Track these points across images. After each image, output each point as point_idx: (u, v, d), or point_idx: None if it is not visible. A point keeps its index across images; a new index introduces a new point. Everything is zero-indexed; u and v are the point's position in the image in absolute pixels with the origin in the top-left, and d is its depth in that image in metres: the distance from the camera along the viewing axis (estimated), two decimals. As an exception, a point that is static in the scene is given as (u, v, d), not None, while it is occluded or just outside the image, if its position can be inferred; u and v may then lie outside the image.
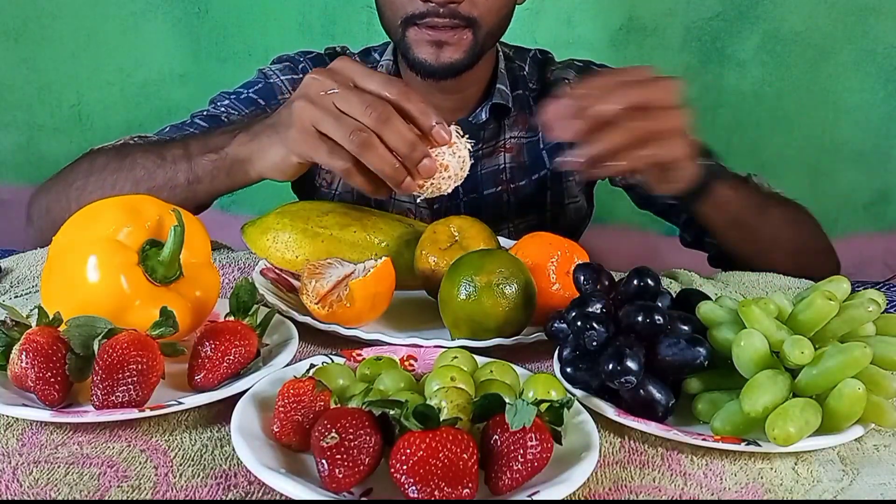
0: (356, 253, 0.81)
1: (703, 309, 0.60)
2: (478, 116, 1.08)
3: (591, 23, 2.10)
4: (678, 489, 0.51)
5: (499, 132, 1.11)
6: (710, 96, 2.16)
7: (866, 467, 0.54)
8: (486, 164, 1.11)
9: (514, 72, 1.14)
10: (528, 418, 0.46)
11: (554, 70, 1.16)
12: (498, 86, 1.09)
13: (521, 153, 1.12)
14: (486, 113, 1.08)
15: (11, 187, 1.95)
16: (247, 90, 1.09)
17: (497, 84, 1.09)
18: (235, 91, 1.10)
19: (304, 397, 0.51)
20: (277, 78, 1.11)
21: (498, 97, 1.08)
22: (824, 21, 2.06)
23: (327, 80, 0.72)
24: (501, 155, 1.11)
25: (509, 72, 1.13)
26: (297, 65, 1.13)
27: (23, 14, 1.95)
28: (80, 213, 0.66)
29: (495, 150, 1.11)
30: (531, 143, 1.12)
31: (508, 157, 1.11)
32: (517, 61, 1.15)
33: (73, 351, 0.55)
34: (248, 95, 1.08)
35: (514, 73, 1.14)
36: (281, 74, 1.11)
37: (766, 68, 2.13)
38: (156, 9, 1.90)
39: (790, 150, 2.15)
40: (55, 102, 2.01)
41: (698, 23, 2.13)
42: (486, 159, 1.11)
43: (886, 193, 2.24)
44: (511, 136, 1.11)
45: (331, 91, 0.71)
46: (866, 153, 2.19)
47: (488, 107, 1.08)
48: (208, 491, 0.49)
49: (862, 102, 2.15)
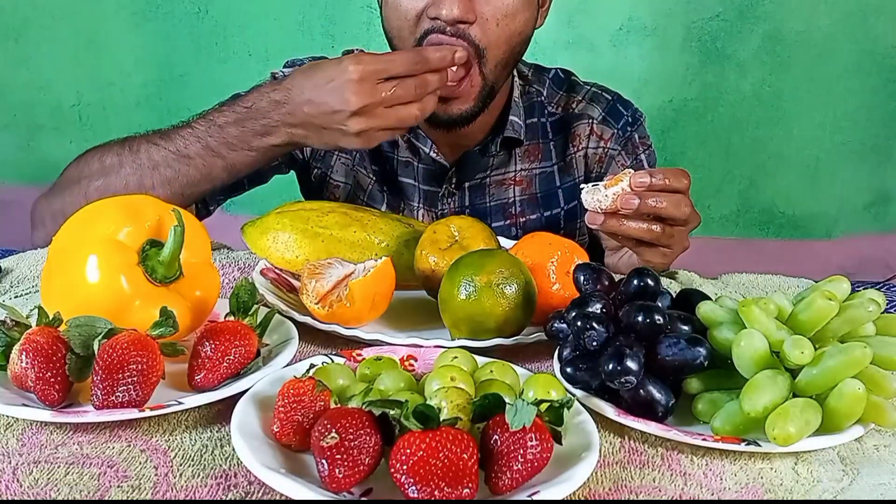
0: (356, 253, 0.81)
1: (703, 309, 0.60)
2: (488, 149, 1.05)
3: (591, 23, 2.10)
4: (678, 489, 0.51)
5: (508, 161, 1.07)
6: (710, 96, 2.16)
7: (866, 467, 0.54)
8: (495, 195, 1.07)
9: (530, 97, 1.08)
10: (528, 418, 0.46)
11: (579, 101, 1.10)
12: (511, 118, 1.04)
13: (533, 184, 1.08)
14: (497, 147, 1.04)
15: (11, 187, 1.95)
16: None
17: (510, 116, 1.04)
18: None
19: (304, 397, 0.51)
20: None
21: (510, 130, 1.03)
22: (824, 21, 2.06)
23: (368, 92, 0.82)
24: (511, 188, 1.07)
25: (525, 97, 1.08)
26: None
27: (23, 14, 1.95)
28: (80, 213, 0.66)
29: (504, 180, 1.07)
30: (544, 174, 1.08)
31: (518, 189, 1.07)
32: (535, 85, 1.10)
33: (73, 351, 0.55)
34: None
35: (531, 98, 1.08)
36: None
37: (766, 68, 2.13)
38: (156, 9, 1.90)
39: (790, 150, 2.16)
40: (55, 102, 2.01)
41: (698, 23, 2.13)
42: (495, 188, 1.07)
43: (886, 193, 2.24)
44: (522, 169, 1.07)
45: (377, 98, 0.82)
46: (866, 153, 2.19)
47: (499, 141, 1.04)
48: (208, 491, 0.49)
49: (862, 102, 2.15)
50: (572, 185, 1.09)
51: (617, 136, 1.08)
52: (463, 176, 1.06)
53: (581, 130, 1.08)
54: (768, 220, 2.22)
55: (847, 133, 2.14)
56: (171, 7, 1.88)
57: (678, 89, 2.13)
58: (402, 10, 0.91)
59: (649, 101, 2.06)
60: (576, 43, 2.05)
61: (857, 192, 2.20)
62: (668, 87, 2.13)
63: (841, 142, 2.15)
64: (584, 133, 1.08)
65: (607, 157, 1.09)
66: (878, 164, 2.16)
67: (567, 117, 1.10)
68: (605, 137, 1.08)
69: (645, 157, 1.10)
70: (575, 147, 1.09)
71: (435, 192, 1.07)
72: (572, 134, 1.09)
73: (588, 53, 2.10)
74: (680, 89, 2.13)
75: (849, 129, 2.13)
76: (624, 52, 2.13)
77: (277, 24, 1.93)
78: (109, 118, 1.98)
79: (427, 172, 1.06)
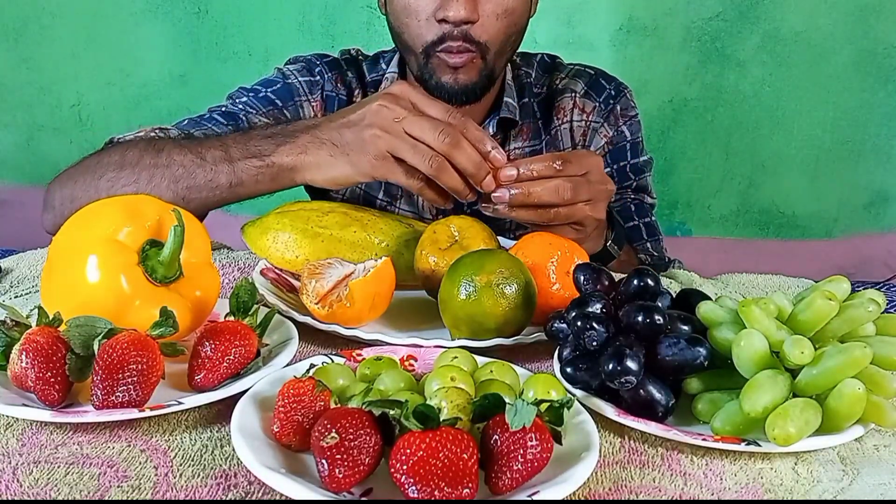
0: (356, 253, 0.81)
1: (703, 309, 0.60)
2: (485, 130, 1.06)
3: (591, 23, 2.10)
4: (678, 489, 0.51)
5: (503, 143, 1.10)
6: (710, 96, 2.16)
7: (866, 467, 0.54)
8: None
9: (520, 79, 1.13)
10: (528, 418, 0.46)
11: (563, 77, 1.14)
12: (506, 99, 1.08)
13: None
14: (494, 127, 1.08)
15: (11, 187, 1.95)
16: (265, 89, 1.09)
17: (505, 97, 1.08)
18: (253, 88, 1.10)
19: (304, 397, 0.51)
20: (295, 79, 1.11)
21: (505, 111, 1.07)
22: (824, 21, 2.06)
23: (396, 108, 0.78)
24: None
25: (516, 80, 1.12)
26: (313, 67, 1.12)
27: (23, 14, 1.95)
28: (80, 212, 0.66)
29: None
30: (534, 151, 1.11)
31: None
32: (523, 68, 1.14)
33: (73, 351, 0.55)
34: (266, 94, 1.08)
35: (521, 80, 1.13)
36: (299, 76, 1.11)
37: (766, 68, 2.13)
38: (156, 9, 1.90)
39: (790, 150, 2.16)
40: (55, 102, 2.01)
41: (698, 23, 2.13)
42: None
43: (886, 193, 2.24)
44: (515, 148, 1.11)
45: (400, 119, 0.77)
46: (866, 153, 2.19)
47: (496, 120, 1.07)
48: (208, 491, 0.49)
49: (862, 102, 2.15)
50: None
51: (599, 108, 1.11)
52: None
53: (565, 104, 1.11)
54: (768, 220, 2.22)
55: (847, 133, 2.14)
56: (171, 7, 1.88)
57: (678, 89, 2.13)
58: (413, 11, 0.95)
59: (649, 101, 2.07)
60: (576, 43, 2.06)
61: (857, 192, 2.20)
62: (668, 87, 2.13)
63: (841, 141, 2.14)
64: (568, 107, 1.11)
65: (590, 129, 1.11)
66: (878, 163, 2.16)
67: (551, 93, 1.13)
68: (586, 110, 1.11)
69: (626, 127, 1.12)
70: (560, 120, 1.12)
71: None
72: (557, 107, 1.12)
73: (588, 53, 2.10)
74: (680, 89, 2.13)
75: (848, 129, 2.13)
76: (624, 52, 2.13)
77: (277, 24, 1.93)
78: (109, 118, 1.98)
79: None
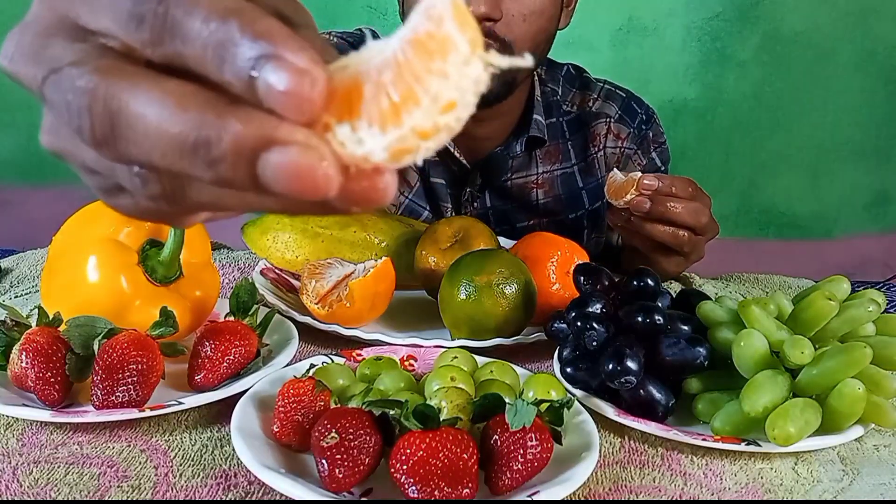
0: (356, 253, 0.81)
1: (703, 309, 0.60)
2: (512, 149, 1.04)
3: (591, 23, 2.10)
4: (678, 489, 0.51)
5: (529, 163, 1.06)
6: (710, 96, 2.16)
7: (866, 467, 0.54)
8: (518, 198, 1.07)
9: (547, 97, 1.08)
10: (528, 418, 0.46)
11: (595, 98, 1.10)
12: (535, 116, 1.04)
13: (555, 187, 1.07)
14: (522, 146, 1.04)
15: (11, 187, 1.95)
16: None
17: (534, 114, 1.04)
18: None
19: (304, 397, 0.51)
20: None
21: (535, 129, 1.03)
22: (824, 21, 2.06)
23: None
24: (534, 191, 1.07)
25: (543, 97, 1.07)
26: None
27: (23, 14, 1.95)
28: (80, 212, 0.66)
29: (526, 184, 1.07)
30: (565, 175, 1.08)
31: (541, 192, 1.07)
32: (549, 84, 1.09)
33: (73, 351, 0.55)
34: None
35: (548, 98, 1.08)
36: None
37: (766, 68, 2.13)
38: (156, 9, 1.90)
39: (790, 150, 2.16)
40: (55, 102, 2.00)
41: (698, 23, 2.13)
42: (517, 191, 1.07)
43: (886, 193, 2.24)
44: (543, 171, 1.07)
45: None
46: (866, 153, 2.19)
47: (524, 140, 1.04)
48: (208, 491, 0.49)
49: (862, 102, 2.15)
50: (595, 185, 1.08)
51: (633, 135, 1.08)
52: (486, 178, 1.05)
53: (599, 129, 1.08)
54: (768, 220, 2.22)
55: (847, 133, 2.14)
56: (171, 7, 1.88)
57: (678, 89, 2.13)
58: None
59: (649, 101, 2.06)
60: (576, 43, 2.05)
61: (857, 192, 2.20)
62: (668, 87, 2.13)
63: (841, 142, 2.15)
64: (602, 132, 1.08)
65: (624, 156, 1.08)
66: (878, 164, 2.16)
67: (584, 116, 1.09)
68: (621, 136, 1.08)
69: (657, 154, 1.10)
70: (596, 147, 1.08)
71: (457, 195, 1.06)
72: (592, 133, 1.08)
73: (588, 53, 2.10)
74: (680, 89, 2.13)
75: (849, 129, 2.13)
76: (624, 52, 2.13)
77: (277, 24, 1.93)
78: (109, 118, 1.98)
79: (449, 174, 1.05)
